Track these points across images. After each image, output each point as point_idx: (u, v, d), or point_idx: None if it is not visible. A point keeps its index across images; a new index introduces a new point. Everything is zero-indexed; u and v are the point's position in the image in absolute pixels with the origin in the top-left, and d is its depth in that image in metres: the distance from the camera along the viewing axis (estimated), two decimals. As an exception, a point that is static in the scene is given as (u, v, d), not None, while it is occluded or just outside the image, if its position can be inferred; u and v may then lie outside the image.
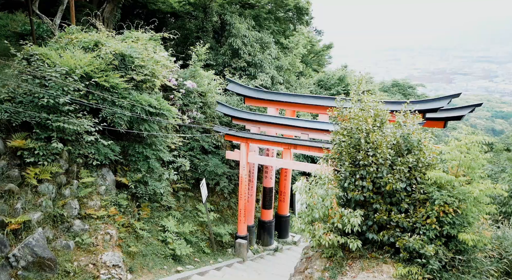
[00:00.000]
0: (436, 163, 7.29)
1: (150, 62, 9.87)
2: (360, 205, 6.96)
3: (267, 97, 11.81)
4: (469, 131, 7.88)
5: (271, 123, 11.41)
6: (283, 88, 18.40)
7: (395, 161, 6.95)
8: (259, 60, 17.07)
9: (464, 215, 6.16)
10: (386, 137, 7.20)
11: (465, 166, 7.26)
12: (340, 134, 7.60)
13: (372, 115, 7.66)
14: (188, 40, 17.33)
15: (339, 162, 7.57)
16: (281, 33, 20.86)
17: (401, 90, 32.68)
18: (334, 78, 22.71)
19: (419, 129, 7.59)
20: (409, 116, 7.70)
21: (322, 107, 10.92)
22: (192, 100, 12.40)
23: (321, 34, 28.99)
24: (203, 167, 12.53)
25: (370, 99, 7.94)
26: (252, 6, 19.48)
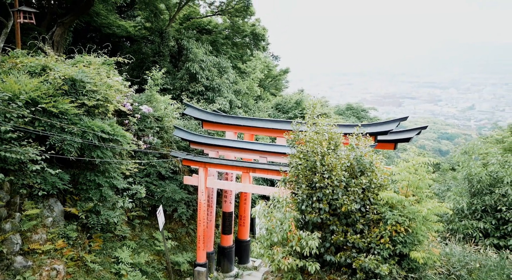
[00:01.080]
0: (387, 184, 7.58)
1: (103, 87, 9.59)
2: (317, 227, 7.03)
3: (225, 122, 11.82)
4: (416, 152, 8.31)
5: (230, 147, 11.39)
6: (241, 112, 18.56)
7: (350, 183, 7.15)
8: (217, 84, 17.18)
9: (415, 233, 6.40)
10: (340, 160, 7.41)
11: (414, 186, 7.61)
12: (297, 158, 7.73)
13: (326, 138, 7.89)
14: (144, 65, 17.12)
15: (296, 184, 7.67)
16: (239, 58, 21.24)
17: (355, 114, 34.10)
18: (291, 102, 23.30)
19: (371, 151, 7.90)
20: (361, 139, 8.02)
21: (279, 130, 11.09)
22: (148, 125, 12.14)
23: (278, 59, 29.89)
24: (160, 193, 12.15)
25: (325, 123, 8.20)
26: (209, 31, 19.76)
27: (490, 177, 10.54)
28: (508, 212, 9.66)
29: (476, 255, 7.26)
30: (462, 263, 6.84)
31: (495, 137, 15.45)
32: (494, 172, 10.50)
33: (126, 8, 20.75)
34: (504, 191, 9.90)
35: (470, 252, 7.41)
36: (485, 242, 9.38)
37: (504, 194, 9.92)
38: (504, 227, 9.64)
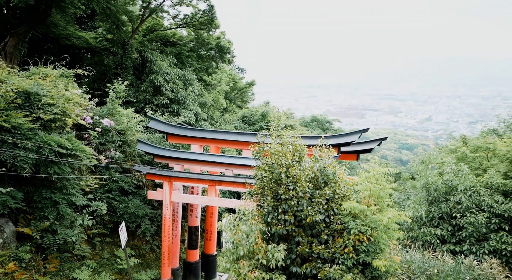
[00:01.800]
0: (350, 194, 7.76)
1: (61, 100, 9.21)
2: (283, 239, 7.04)
3: (190, 134, 11.68)
4: (377, 163, 8.59)
5: (195, 161, 11.24)
6: (207, 125, 18.45)
7: (314, 194, 7.25)
8: (182, 97, 17.01)
9: (377, 242, 6.55)
10: (304, 171, 7.51)
11: (375, 195, 7.84)
12: (262, 170, 7.75)
13: (291, 150, 7.98)
14: (106, 77, 16.67)
15: (262, 196, 7.66)
16: (204, 71, 21.20)
17: (319, 125, 34.87)
18: (257, 114, 23.46)
19: (334, 162, 8.08)
20: (325, 151, 8.20)
21: (245, 143, 11.09)
22: (109, 139, 11.75)
23: (244, 72, 30.13)
24: (122, 209, 11.73)
25: (289, 135, 8.30)
26: (174, 44, 19.63)
27: (446, 185, 11.09)
28: (462, 219, 10.16)
29: (434, 261, 7.55)
30: (421, 269, 7.07)
31: (449, 148, 16.31)
32: (449, 180, 11.05)
33: (86, 19, 20.21)
34: (458, 199, 10.43)
35: (429, 259, 7.69)
36: (442, 248, 9.79)
37: (458, 201, 10.46)
38: (459, 233, 10.12)
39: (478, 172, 12.74)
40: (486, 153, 13.28)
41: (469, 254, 9.90)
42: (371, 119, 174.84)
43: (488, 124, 21.07)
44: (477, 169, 13.08)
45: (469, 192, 10.73)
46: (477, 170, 13.00)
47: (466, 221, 10.00)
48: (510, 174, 11.35)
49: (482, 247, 9.96)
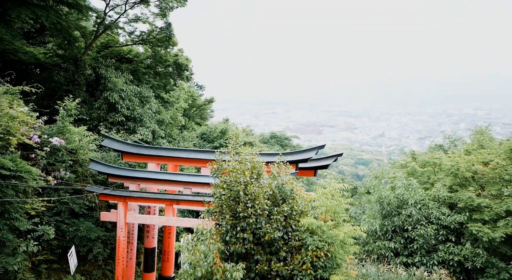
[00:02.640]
0: (308, 210, 7.87)
1: (4, 119, 8.65)
2: (242, 258, 6.96)
3: (147, 153, 11.38)
4: (332, 178, 8.82)
5: (152, 180, 10.93)
6: (165, 142, 18.08)
7: (272, 211, 7.27)
8: (139, 114, 16.60)
9: (334, 257, 6.66)
10: (263, 189, 7.54)
11: (332, 211, 8.01)
12: (221, 188, 7.69)
13: (249, 167, 8.01)
14: (57, 94, 15.90)
15: (220, 215, 7.57)
16: (162, 88, 20.90)
17: (279, 142, 35.36)
18: (216, 131, 23.39)
19: (292, 179, 8.19)
20: (283, 167, 8.30)
21: (203, 161, 10.97)
22: (59, 159, 11.14)
23: (203, 89, 30.07)
24: (72, 232, 11.06)
25: (247, 152, 8.34)
26: (130, 60, 19.23)
27: (398, 199, 11.58)
28: (413, 231, 10.62)
29: (388, 274, 7.78)
30: (377, 282, 7.26)
31: (400, 163, 17.13)
32: (400, 194, 11.56)
33: (35, 34, 19.30)
34: (409, 212, 10.92)
35: (383, 272, 7.92)
36: (396, 260, 10.14)
37: (409, 214, 10.94)
38: (411, 245, 10.54)
39: (427, 186, 13.45)
40: (433, 168, 14.09)
41: (420, 265, 10.33)
42: (329, 136, 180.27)
43: (434, 140, 22.41)
44: (426, 182, 13.81)
45: (419, 205, 11.28)
46: (425, 183, 13.72)
47: (417, 233, 10.46)
48: (455, 187, 12.09)
49: (431, 258, 10.43)
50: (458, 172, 12.06)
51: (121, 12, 17.15)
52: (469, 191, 11.30)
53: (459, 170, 12.06)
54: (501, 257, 10.14)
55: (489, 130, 18.14)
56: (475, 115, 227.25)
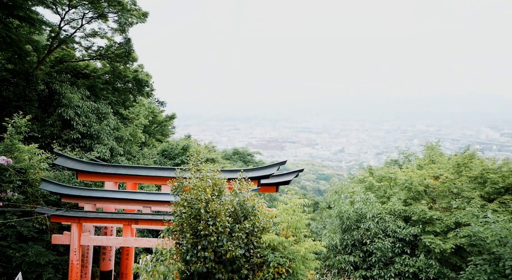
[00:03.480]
0: (269, 227, 7.89)
1: None
2: (203, 277, 6.82)
3: (104, 171, 10.96)
4: (293, 194, 8.93)
5: (109, 199, 10.50)
6: (124, 160, 17.51)
7: (234, 228, 7.22)
8: (96, 131, 16.02)
9: (295, 273, 6.69)
10: (224, 206, 7.48)
11: (293, 226, 8.09)
12: (181, 206, 7.54)
13: (210, 184, 7.94)
14: (5, 110, 14.99)
15: (181, 234, 7.40)
16: (121, 104, 20.36)
17: (241, 158, 35.37)
18: (178, 148, 23.03)
19: (254, 195, 8.20)
20: (244, 184, 8.31)
21: (164, 178, 10.75)
22: (6, 179, 10.44)
23: (164, 105, 29.63)
24: (19, 258, 10.30)
25: (208, 169, 8.28)
26: (87, 76, 18.63)
27: (356, 214, 11.91)
28: (371, 245, 10.92)
29: (348, 287, 7.91)
30: (337, 297, 7.35)
31: (358, 178, 17.70)
32: (359, 208, 11.90)
33: (-19, 47, 18.29)
34: (367, 226, 11.24)
35: (343, 285, 8.04)
36: (355, 274, 10.34)
37: (367, 228, 11.26)
38: (369, 259, 10.82)
39: (383, 200, 13.96)
40: (389, 182, 14.68)
41: (378, 278, 10.60)
42: (291, 151, 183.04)
43: (390, 155, 23.41)
44: (383, 196, 14.33)
45: (377, 218, 11.65)
46: (382, 197, 14.24)
47: (374, 247, 10.76)
48: (409, 201, 12.64)
49: (389, 270, 10.75)
50: (412, 186, 12.64)
51: (77, 27, 16.68)
52: (422, 204, 11.85)
53: (413, 184, 12.65)
54: (452, 267, 10.64)
55: (439, 146, 19.27)
56: (427, 132, 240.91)
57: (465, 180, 12.59)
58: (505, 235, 7.73)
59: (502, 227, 8.01)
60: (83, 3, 14.99)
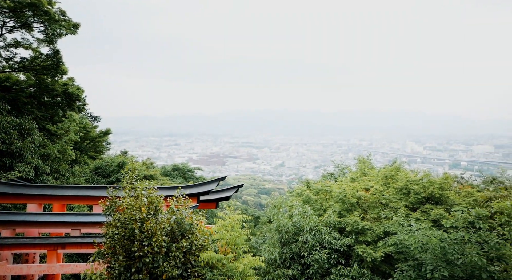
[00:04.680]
0: (208, 244, 7.77)
1: None
2: (137, 303, 6.47)
3: (26, 192, 10.06)
4: (232, 210, 8.90)
5: (30, 223, 9.60)
6: (50, 179, 16.18)
7: (171, 247, 6.99)
8: (18, 148, 14.65)
9: (234, 291, 6.62)
10: (161, 225, 7.23)
11: (232, 243, 8.04)
12: (113, 227, 7.16)
13: (146, 203, 7.65)
14: None
15: (113, 257, 7.00)
16: (48, 119, 18.91)
17: (181, 174, 34.52)
18: (113, 165, 21.86)
19: (192, 212, 8.04)
20: (182, 201, 8.12)
21: (95, 198, 10.14)
22: None
23: (98, 120, 28.07)
24: None
25: (144, 187, 7.98)
26: (8, 88, 17.06)
27: (295, 227, 12.16)
28: (309, 257, 11.19)
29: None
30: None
31: (296, 191, 18.16)
32: (297, 222, 12.17)
33: None
34: (305, 238, 11.52)
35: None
36: (294, 287, 10.49)
37: (305, 241, 11.54)
38: (307, 271, 11.07)
39: (320, 212, 14.45)
40: (325, 195, 15.27)
41: (317, 289, 10.86)
42: (232, 166, 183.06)
43: (327, 169, 24.39)
44: (319, 209, 14.83)
45: (314, 231, 12.00)
46: (319, 210, 14.73)
47: (312, 259, 11.04)
48: (343, 213, 13.24)
49: (326, 281, 11.07)
50: (345, 198, 13.27)
51: (-4, 35, 15.37)
52: (354, 215, 12.47)
53: (346, 197, 13.28)
54: (382, 275, 11.27)
55: (370, 160, 20.53)
56: (360, 145, 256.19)
57: (392, 191, 13.52)
58: (426, 241, 8.40)
59: (423, 234, 8.70)
60: (3, 11, 13.84)
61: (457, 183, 15.71)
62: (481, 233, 8.19)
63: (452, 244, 8.07)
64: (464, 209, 9.12)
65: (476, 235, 8.16)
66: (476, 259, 7.57)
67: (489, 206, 11.16)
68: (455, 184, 15.53)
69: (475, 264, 7.71)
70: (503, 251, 7.98)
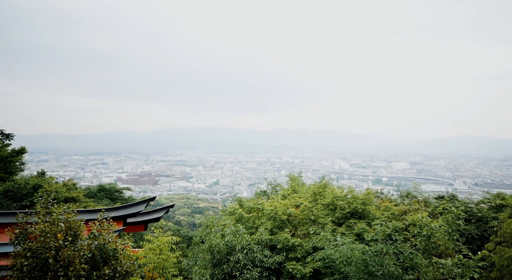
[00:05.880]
0: (133, 270, 7.33)
1: None
2: None
3: None
4: (161, 232, 8.57)
5: None
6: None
7: (91, 276, 6.48)
8: None
9: (159, 318, 6.29)
10: (80, 252, 6.69)
11: (160, 267, 7.70)
12: (22, 257, 6.45)
13: (63, 229, 7.03)
14: None
15: (21, 292, 6.27)
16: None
17: (108, 195, 32.46)
18: (27, 188, 19.82)
19: (117, 237, 7.56)
20: (106, 225, 7.60)
21: (2, 225, 9.06)
22: None
23: (11, 138, 25.44)
24: None
25: (61, 211, 7.35)
26: None
27: (227, 246, 12.03)
28: (240, 277, 11.12)
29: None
30: None
31: (229, 210, 18.08)
32: (229, 241, 12.07)
33: None
34: (237, 258, 11.45)
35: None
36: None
37: (237, 260, 11.46)
38: (239, 290, 10.95)
39: (252, 231, 14.51)
40: (257, 213, 15.41)
41: (248, 309, 10.76)
42: (165, 185, 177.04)
43: (260, 186, 24.71)
44: (252, 227, 14.90)
45: (246, 250, 11.98)
46: (251, 228, 14.79)
47: (243, 278, 10.98)
48: (275, 230, 13.46)
49: (258, 300, 11.04)
50: (277, 216, 13.53)
51: None
52: (285, 232, 12.74)
53: (277, 214, 13.55)
54: (312, 290, 11.59)
55: (301, 177, 21.28)
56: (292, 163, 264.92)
57: (320, 207, 14.12)
58: (350, 255, 8.84)
59: (348, 248, 9.16)
60: None
61: (377, 198, 16.92)
62: (397, 245, 8.86)
63: (373, 256, 8.60)
64: (383, 223, 9.81)
65: (393, 246, 8.81)
66: (393, 269, 8.14)
67: (404, 219, 12.16)
68: (376, 198, 16.72)
69: (392, 274, 8.28)
70: (415, 260, 8.69)
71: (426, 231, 9.14)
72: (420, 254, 8.91)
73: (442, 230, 9.21)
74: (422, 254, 9.22)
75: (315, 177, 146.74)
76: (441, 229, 9.22)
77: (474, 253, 9.82)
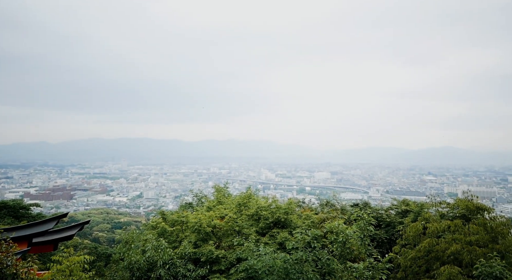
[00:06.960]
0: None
1: None
2: None
3: None
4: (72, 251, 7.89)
5: None
6: None
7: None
8: None
9: None
10: (-30, 280, 5.84)
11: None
12: None
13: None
14: None
15: None
16: None
17: (12, 213, 28.99)
18: None
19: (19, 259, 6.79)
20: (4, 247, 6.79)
21: None
22: None
23: None
24: None
25: None
26: None
27: (148, 263, 11.47)
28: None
29: None
30: None
31: (151, 224, 17.32)
32: (150, 257, 11.52)
33: None
34: (158, 274, 10.96)
35: None
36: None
37: (158, 276, 10.98)
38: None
39: (176, 244, 14.06)
40: (181, 226, 15.00)
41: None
42: (82, 200, 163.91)
43: (185, 198, 24.12)
44: (175, 241, 14.43)
45: (168, 265, 11.53)
46: (174, 242, 14.32)
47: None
48: (199, 243, 13.20)
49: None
50: (201, 228, 13.30)
51: None
52: (209, 244, 12.57)
53: (202, 226, 13.33)
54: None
55: (227, 188, 21.27)
56: (220, 174, 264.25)
57: (245, 218, 14.24)
58: (272, 264, 9.03)
59: (270, 257, 9.35)
60: None
61: (299, 207, 17.62)
62: (316, 252, 9.29)
63: (294, 264, 8.89)
64: (303, 231, 10.23)
65: (312, 254, 9.21)
66: (311, 276, 8.49)
67: (323, 227, 12.82)
68: (298, 208, 17.40)
69: (311, 280, 8.64)
70: (332, 266, 9.20)
71: (342, 237, 9.73)
72: (336, 260, 9.45)
73: (355, 235, 9.90)
74: (338, 259, 9.78)
75: (242, 187, 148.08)
76: (355, 234, 9.90)
77: (383, 256, 10.72)
